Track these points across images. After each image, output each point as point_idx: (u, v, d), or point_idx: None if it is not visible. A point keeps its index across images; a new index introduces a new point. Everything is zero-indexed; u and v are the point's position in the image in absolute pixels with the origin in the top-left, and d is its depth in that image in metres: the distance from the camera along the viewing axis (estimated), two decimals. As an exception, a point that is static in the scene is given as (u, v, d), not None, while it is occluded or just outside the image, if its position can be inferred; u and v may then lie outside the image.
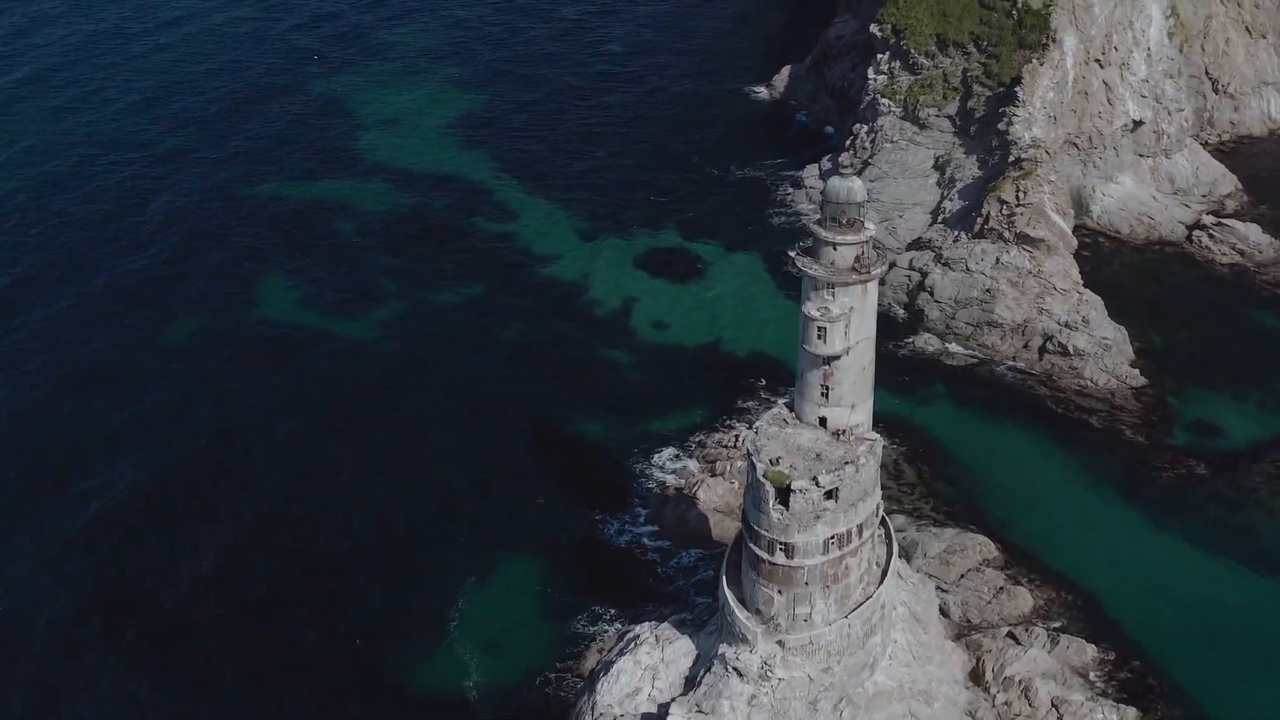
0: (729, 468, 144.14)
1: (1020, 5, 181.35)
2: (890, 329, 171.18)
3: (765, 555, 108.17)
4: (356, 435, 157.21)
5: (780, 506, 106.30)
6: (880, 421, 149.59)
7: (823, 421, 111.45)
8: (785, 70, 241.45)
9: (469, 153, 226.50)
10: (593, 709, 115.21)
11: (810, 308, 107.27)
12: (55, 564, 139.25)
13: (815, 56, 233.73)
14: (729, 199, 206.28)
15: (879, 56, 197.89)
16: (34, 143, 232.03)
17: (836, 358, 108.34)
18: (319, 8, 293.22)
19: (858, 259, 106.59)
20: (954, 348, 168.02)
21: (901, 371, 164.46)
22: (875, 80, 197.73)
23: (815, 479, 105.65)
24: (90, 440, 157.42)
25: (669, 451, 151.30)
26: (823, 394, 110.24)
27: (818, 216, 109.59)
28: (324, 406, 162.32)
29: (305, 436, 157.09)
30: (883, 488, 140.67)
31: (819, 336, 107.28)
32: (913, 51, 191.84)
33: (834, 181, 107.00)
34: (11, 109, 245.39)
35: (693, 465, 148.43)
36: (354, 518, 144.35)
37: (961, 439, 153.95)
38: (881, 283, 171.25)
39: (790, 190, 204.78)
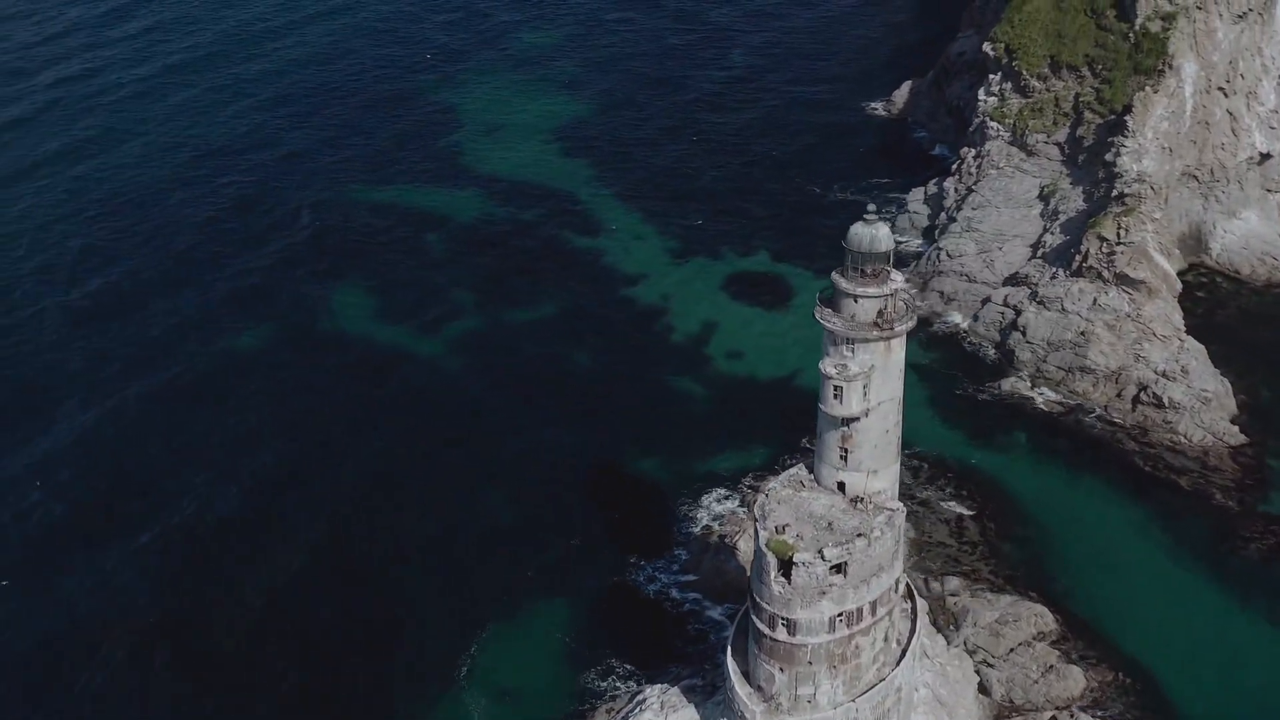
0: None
1: (1138, 28, 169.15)
2: (977, 369, 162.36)
3: (766, 630, 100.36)
4: (403, 459, 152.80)
5: (782, 579, 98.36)
6: (950, 471, 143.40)
7: (841, 487, 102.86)
8: (906, 86, 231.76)
9: (573, 162, 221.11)
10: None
11: (827, 364, 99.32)
12: (96, 583, 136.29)
13: (937, 73, 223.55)
14: (827, 221, 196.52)
15: (990, 77, 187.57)
16: (153, 140, 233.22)
17: (855, 419, 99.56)
18: (454, 8, 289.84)
19: (881, 313, 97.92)
20: (1042, 393, 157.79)
21: (983, 417, 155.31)
22: (985, 102, 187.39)
23: (821, 551, 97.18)
24: (145, 455, 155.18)
25: (719, 493, 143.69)
26: (841, 457, 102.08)
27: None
28: (375, 428, 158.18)
29: (349, 458, 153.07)
30: (942, 546, 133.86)
31: (835, 396, 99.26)
32: (1024, 73, 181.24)
33: (856, 228, 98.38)
34: (132, 105, 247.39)
35: (741, 510, 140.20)
36: (381, 546, 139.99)
37: (1036, 495, 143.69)
38: (974, 319, 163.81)
39: (892, 215, 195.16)
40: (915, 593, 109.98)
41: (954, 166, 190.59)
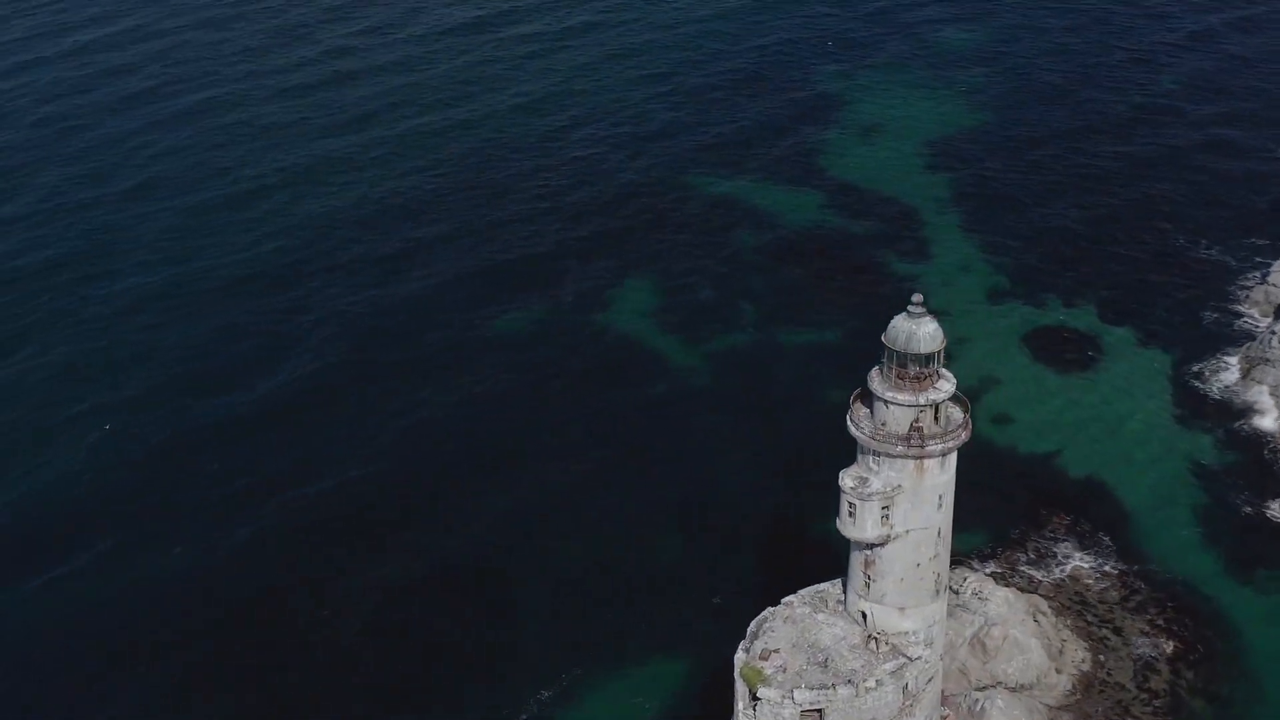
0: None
1: None
2: (1268, 484, 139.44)
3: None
4: (593, 473, 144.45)
5: (751, 711, 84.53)
6: (1173, 600, 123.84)
7: (866, 617, 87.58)
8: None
9: (932, 177, 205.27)
10: None
11: (846, 475, 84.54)
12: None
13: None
14: (1175, 278, 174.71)
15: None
16: (519, 103, 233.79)
17: (873, 546, 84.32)
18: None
19: (915, 426, 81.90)
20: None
21: (1249, 542, 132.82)
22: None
23: (792, 691, 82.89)
24: (347, 421, 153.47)
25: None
26: (864, 584, 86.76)
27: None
28: (586, 435, 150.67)
29: (541, 461, 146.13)
30: (1117, 688, 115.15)
31: (849, 513, 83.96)
32: None
33: (897, 320, 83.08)
34: (521, 69, 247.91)
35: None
36: (520, 560, 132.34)
37: (1267, 646, 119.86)
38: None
39: (1251, 283, 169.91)
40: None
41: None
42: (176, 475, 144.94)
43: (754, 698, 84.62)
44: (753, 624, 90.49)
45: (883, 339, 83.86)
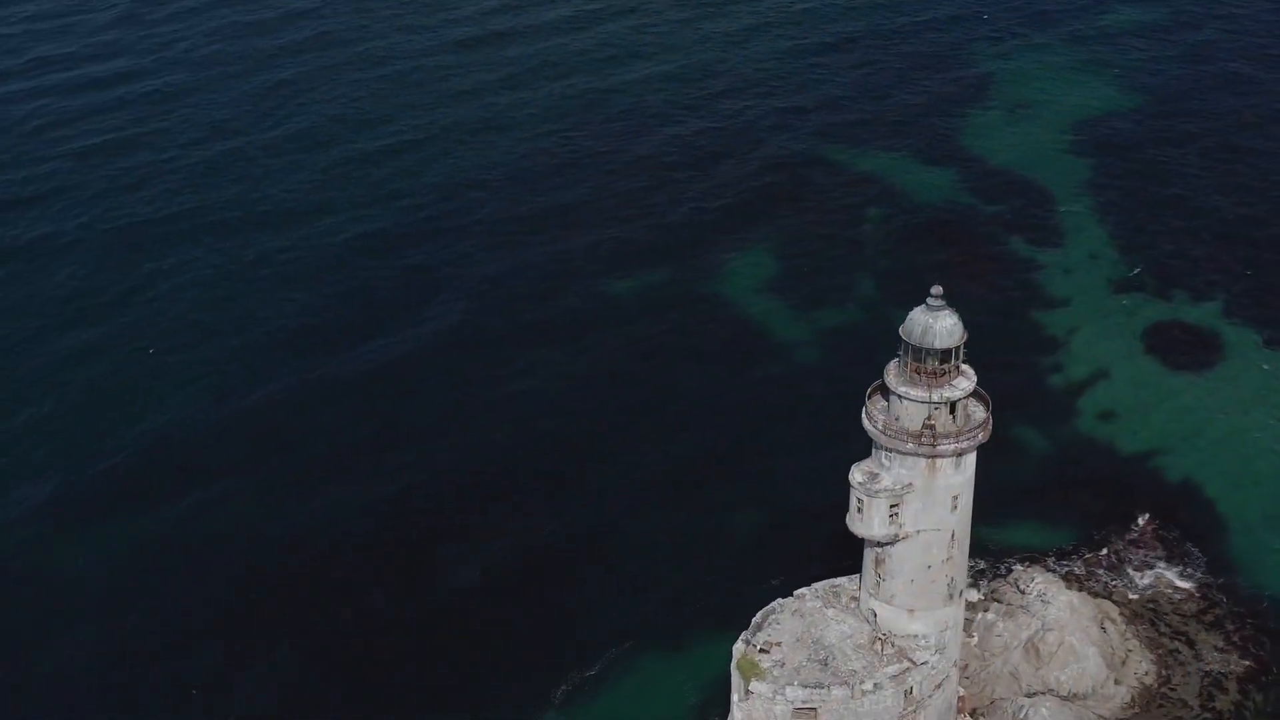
0: (980, 617, 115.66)
1: None
2: None
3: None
4: (680, 451, 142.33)
5: (744, 704, 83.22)
6: (1254, 616, 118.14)
7: (876, 617, 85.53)
8: None
9: (1075, 161, 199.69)
10: None
11: (856, 470, 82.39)
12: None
13: None
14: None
15: None
16: (665, 70, 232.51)
17: (882, 544, 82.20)
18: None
19: (928, 423, 79.53)
20: None
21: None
22: None
23: (784, 688, 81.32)
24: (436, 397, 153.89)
25: (978, 564, 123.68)
26: (875, 582, 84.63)
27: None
28: (680, 410, 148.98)
29: (631, 436, 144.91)
30: (1179, 704, 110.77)
31: (857, 509, 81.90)
32: None
33: (915, 313, 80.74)
34: (672, 34, 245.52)
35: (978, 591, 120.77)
36: (591, 532, 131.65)
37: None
38: None
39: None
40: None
41: None
42: (277, 433, 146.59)
43: (748, 690, 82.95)
44: (759, 614, 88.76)
45: (900, 331, 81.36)
